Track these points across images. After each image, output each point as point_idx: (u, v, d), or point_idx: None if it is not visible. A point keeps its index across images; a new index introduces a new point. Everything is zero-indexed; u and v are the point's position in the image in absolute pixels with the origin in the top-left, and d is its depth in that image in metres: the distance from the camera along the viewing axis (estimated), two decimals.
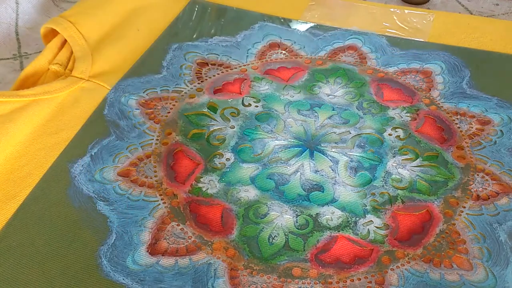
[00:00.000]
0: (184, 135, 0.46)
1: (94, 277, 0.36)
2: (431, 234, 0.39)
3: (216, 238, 0.39)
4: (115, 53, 0.54)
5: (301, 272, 0.37)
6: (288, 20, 0.59)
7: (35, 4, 0.64)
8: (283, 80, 0.52)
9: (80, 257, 0.37)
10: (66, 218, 0.40)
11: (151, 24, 0.58)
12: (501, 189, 0.41)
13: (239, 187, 0.42)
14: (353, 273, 0.37)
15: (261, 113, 0.48)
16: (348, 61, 0.54)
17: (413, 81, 0.51)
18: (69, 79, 0.50)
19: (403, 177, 0.43)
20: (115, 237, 0.38)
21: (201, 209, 0.40)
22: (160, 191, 0.42)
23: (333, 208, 0.40)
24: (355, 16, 0.60)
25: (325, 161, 0.44)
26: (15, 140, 0.45)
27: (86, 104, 0.49)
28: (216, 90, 0.51)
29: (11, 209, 0.40)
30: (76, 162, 0.44)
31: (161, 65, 0.53)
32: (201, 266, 0.37)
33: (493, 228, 0.39)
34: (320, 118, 0.48)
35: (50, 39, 0.55)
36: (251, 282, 0.36)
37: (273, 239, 0.39)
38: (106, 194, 0.41)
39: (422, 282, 0.36)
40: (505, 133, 0.46)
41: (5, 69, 0.57)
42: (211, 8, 0.61)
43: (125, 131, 0.46)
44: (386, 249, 0.38)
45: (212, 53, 0.55)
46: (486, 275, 0.36)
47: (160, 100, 0.49)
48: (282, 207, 0.41)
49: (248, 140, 0.46)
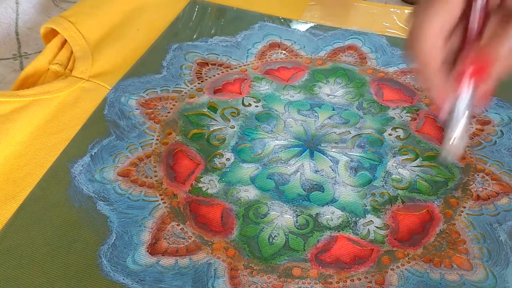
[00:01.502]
0: (184, 135, 0.46)
1: (94, 277, 0.36)
2: (431, 234, 0.39)
3: (216, 238, 0.39)
4: (115, 53, 0.54)
5: (301, 272, 0.37)
6: (288, 20, 0.59)
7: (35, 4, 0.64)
8: (283, 80, 0.52)
9: (80, 257, 0.37)
10: (66, 218, 0.40)
11: (151, 24, 0.58)
12: (501, 189, 0.41)
13: (239, 187, 0.42)
14: (353, 273, 0.36)
15: (261, 113, 0.48)
16: (348, 61, 0.54)
17: (413, 81, 0.51)
18: (69, 79, 0.50)
19: (403, 177, 0.43)
20: (115, 237, 0.38)
21: (201, 209, 0.40)
22: (160, 191, 0.42)
23: (333, 208, 0.40)
24: (355, 16, 0.60)
25: (325, 161, 0.44)
26: (15, 140, 0.45)
27: (86, 104, 0.49)
28: (216, 90, 0.51)
29: (11, 209, 0.40)
30: (76, 162, 0.44)
31: (161, 65, 0.53)
32: (201, 266, 0.37)
33: (493, 228, 0.39)
34: (320, 118, 0.48)
35: (50, 39, 0.55)
36: (251, 282, 0.36)
37: (273, 239, 0.39)
38: (106, 194, 0.41)
39: (422, 282, 0.36)
40: (505, 133, 0.46)
41: (5, 69, 0.57)
42: (211, 8, 0.61)
43: (125, 131, 0.46)
44: (386, 249, 0.38)
45: (212, 53, 0.55)
46: (486, 275, 0.36)
47: (160, 100, 0.49)
48: (282, 207, 0.41)
49: (248, 140, 0.46)
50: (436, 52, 0.29)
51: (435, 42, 0.29)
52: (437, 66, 0.29)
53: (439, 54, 0.29)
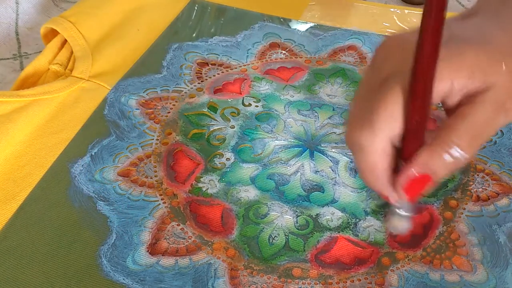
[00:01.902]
0: (184, 135, 0.46)
1: (94, 277, 0.36)
2: (431, 236, 0.39)
3: (216, 238, 0.39)
4: (115, 53, 0.54)
5: (301, 272, 0.37)
6: (288, 20, 0.59)
7: (35, 4, 0.64)
8: (283, 80, 0.52)
9: (80, 257, 0.37)
10: (66, 218, 0.40)
11: (151, 24, 0.58)
12: (501, 190, 0.41)
13: (239, 187, 0.42)
14: (353, 273, 0.37)
15: (261, 113, 0.48)
16: (348, 61, 0.54)
17: None
18: (69, 79, 0.50)
19: None
20: (115, 237, 0.38)
21: (201, 209, 0.40)
22: (160, 191, 0.42)
23: (333, 209, 0.40)
24: (355, 16, 0.60)
25: (325, 161, 0.44)
26: (15, 140, 0.45)
27: (86, 104, 0.49)
28: (216, 90, 0.51)
29: (11, 209, 0.40)
30: (76, 162, 0.44)
31: (161, 65, 0.53)
32: (201, 266, 0.37)
33: (493, 230, 0.39)
34: (320, 118, 0.48)
35: (50, 39, 0.55)
36: (251, 282, 0.36)
37: (273, 239, 0.39)
38: (106, 194, 0.41)
39: (422, 282, 0.36)
40: (505, 133, 0.46)
41: (5, 69, 0.57)
42: (211, 7, 0.61)
43: (125, 131, 0.46)
44: (386, 251, 0.38)
45: (212, 53, 0.55)
46: (486, 276, 0.36)
47: (160, 100, 0.49)
48: (282, 208, 0.41)
49: (248, 140, 0.46)
50: (384, 163, 0.28)
51: (381, 159, 0.28)
52: (384, 172, 0.28)
53: (387, 163, 0.28)
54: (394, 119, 0.27)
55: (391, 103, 0.27)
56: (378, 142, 0.27)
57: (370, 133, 0.27)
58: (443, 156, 0.27)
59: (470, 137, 0.27)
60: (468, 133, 0.27)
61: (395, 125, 0.27)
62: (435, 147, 0.27)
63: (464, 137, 0.27)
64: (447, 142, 0.27)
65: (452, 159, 0.27)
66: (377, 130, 0.27)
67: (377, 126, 0.27)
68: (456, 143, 0.27)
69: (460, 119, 0.27)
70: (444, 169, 0.27)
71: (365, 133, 0.27)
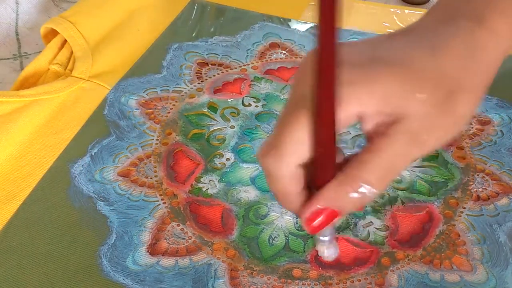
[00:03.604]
0: (184, 135, 0.46)
1: (94, 277, 0.36)
2: (431, 235, 0.39)
3: (216, 239, 0.39)
4: (115, 53, 0.54)
5: (301, 273, 0.37)
6: (288, 20, 0.59)
7: (35, 4, 0.64)
8: (283, 80, 0.52)
9: (80, 257, 0.37)
10: (66, 218, 0.40)
11: (151, 24, 0.58)
12: (501, 189, 0.41)
13: (239, 187, 0.42)
14: (353, 274, 0.37)
15: (261, 113, 0.48)
16: None
17: None
18: (69, 79, 0.50)
19: (403, 177, 0.43)
20: (115, 237, 0.38)
21: (201, 209, 0.40)
22: (160, 191, 0.42)
23: None
24: (355, 16, 0.60)
25: None
26: (15, 140, 0.45)
27: (86, 104, 0.49)
28: (216, 90, 0.51)
29: (12, 209, 0.40)
30: (76, 162, 0.44)
31: (161, 65, 0.53)
32: (201, 267, 0.37)
33: (493, 229, 0.39)
34: None
35: (50, 39, 0.55)
36: (251, 282, 0.36)
37: (273, 240, 0.39)
38: (106, 194, 0.41)
39: (422, 283, 0.36)
40: (505, 133, 0.46)
41: (5, 69, 0.57)
42: (210, 7, 0.61)
43: (125, 131, 0.46)
44: (386, 251, 0.38)
45: (212, 53, 0.55)
46: (486, 276, 0.36)
47: (160, 100, 0.49)
48: (282, 208, 0.41)
49: (248, 140, 0.46)
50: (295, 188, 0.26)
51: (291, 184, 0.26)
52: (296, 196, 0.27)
53: (299, 187, 0.27)
54: (301, 143, 0.25)
55: (295, 129, 0.25)
56: (284, 168, 0.25)
57: (276, 159, 0.25)
58: (350, 194, 0.25)
59: (381, 173, 0.25)
60: (379, 169, 0.25)
61: (303, 149, 0.25)
62: (343, 183, 0.25)
63: (374, 173, 0.25)
64: (355, 179, 0.25)
65: (360, 195, 0.25)
66: (284, 155, 0.25)
67: (283, 151, 0.25)
68: (366, 180, 0.25)
69: (371, 153, 0.25)
70: (351, 205, 0.26)
71: (271, 159, 0.26)
